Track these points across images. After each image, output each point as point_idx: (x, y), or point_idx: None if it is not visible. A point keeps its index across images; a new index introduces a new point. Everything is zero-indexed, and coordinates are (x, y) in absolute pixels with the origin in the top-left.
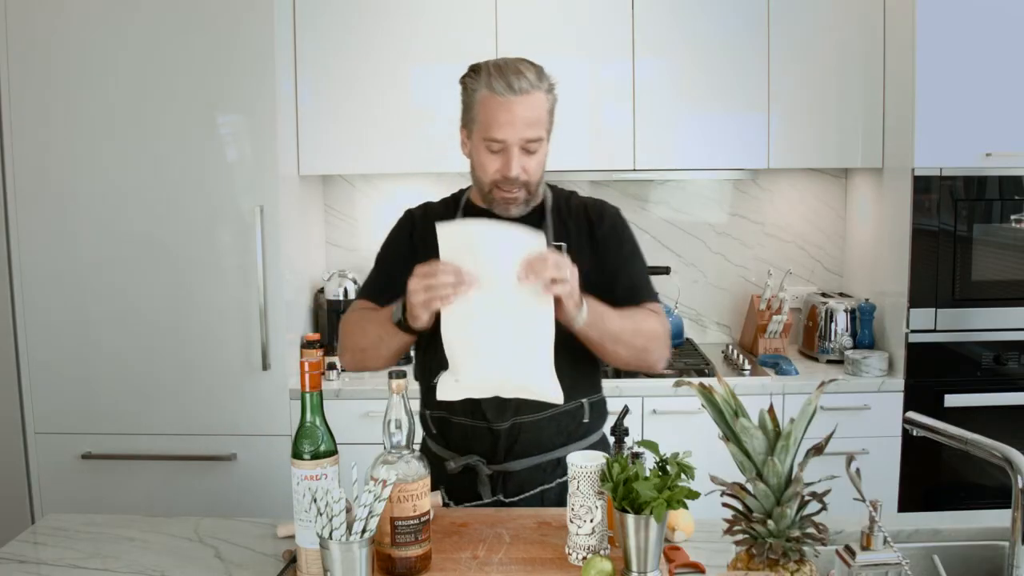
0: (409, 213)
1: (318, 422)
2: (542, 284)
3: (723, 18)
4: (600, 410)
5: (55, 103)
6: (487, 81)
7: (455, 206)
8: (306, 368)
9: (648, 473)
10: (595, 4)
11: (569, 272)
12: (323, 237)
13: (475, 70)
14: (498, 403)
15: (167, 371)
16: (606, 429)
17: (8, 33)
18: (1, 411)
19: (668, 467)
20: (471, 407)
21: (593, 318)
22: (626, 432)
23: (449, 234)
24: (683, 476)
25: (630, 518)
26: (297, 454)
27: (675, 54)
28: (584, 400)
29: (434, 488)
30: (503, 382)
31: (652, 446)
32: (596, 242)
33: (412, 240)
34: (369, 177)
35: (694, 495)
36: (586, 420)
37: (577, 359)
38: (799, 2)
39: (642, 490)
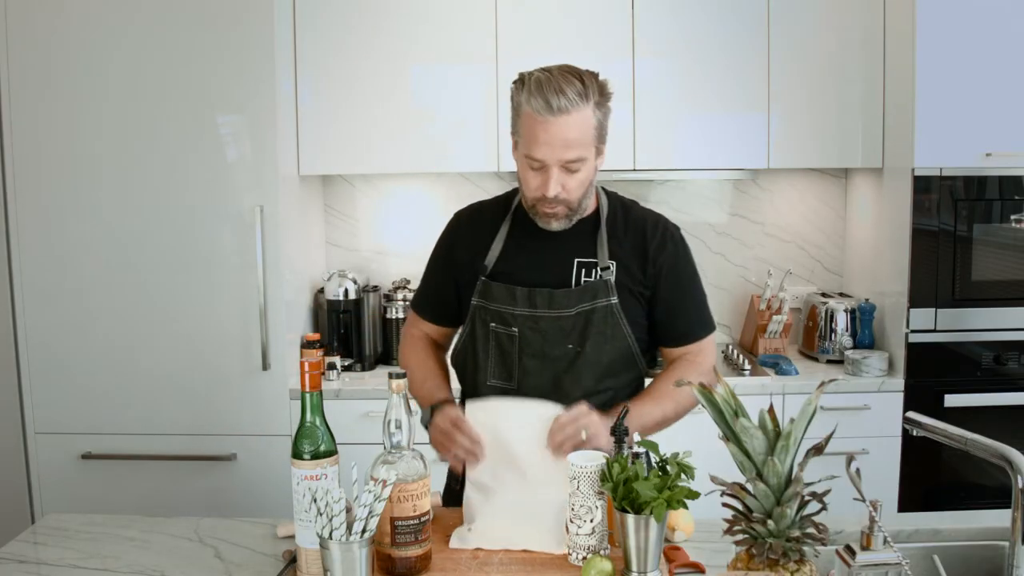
0: (456, 216)
1: (318, 422)
2: (560, 458)
3: (723, 18)
4: None
5: (55, 103)
6: (527, 97)
7: (505, 210)
8: (306, 368)
9: (648, 473)
10: (595, 4)
11: (586, 423)
12: (323, 237)
13: (521, 80)
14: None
15: (167, 371)
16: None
17: (8, 33)
18: (1, 411)
19: (668, 467)
20: None
21: (635, 428)
22: (626, 432)
23: (475, 409)
24: (683, 476)
25: (630, 518)
26: (297, 454)
27: (675, 54)
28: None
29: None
30: (513, 539)
31: (652, 446)
32: (649, 263)
33: (456, 246)
34: (369, 177)
35: (694, 495)
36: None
37: (622, 373)
38: (799, 2)
39: (642, 490)
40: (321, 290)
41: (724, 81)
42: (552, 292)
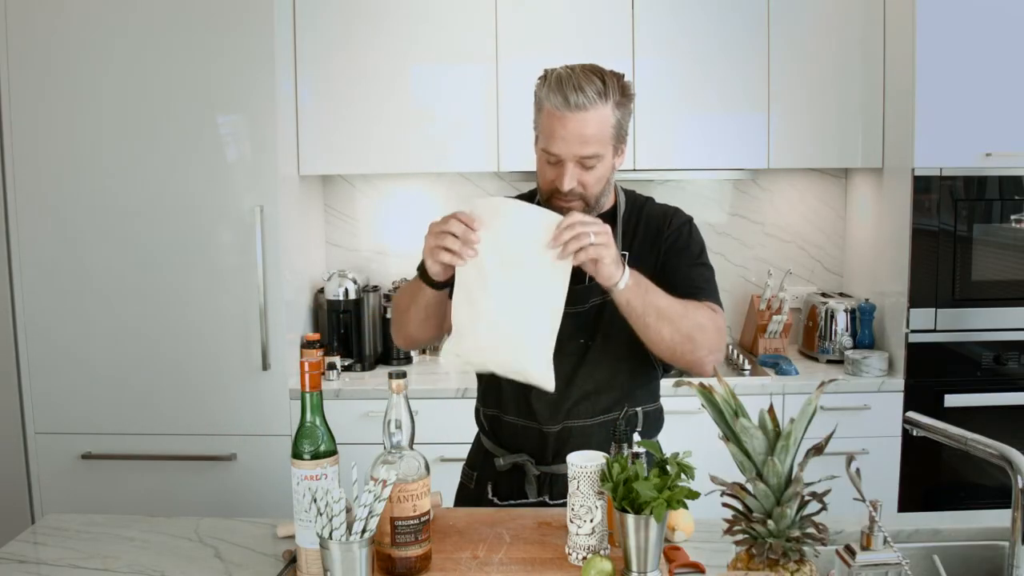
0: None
1: (318, 422)
2: (564, 258)
3: (723, 18)
4: (655, 420)
5: (55, 103)
6: (547, 93)
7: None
8: (306, 368)
9: (648, 473)
10: (595, 4)
11: (597, 230)
12: (323, 237)
13: (544, 76)
14: (552, 405)
15: (167, 371)
16: (660, 437)
17: (8, 33)
18: (1, 411)
19: (668, 467)
20: (524, 408)
21: (637, 284)
22: (627, 433)
23: (481, 206)
24: (683, 476)
25: (630, 518)
26: (297, 454)
27: (675, 54)
28: (639, 409)
29: (483, 484)
30: (498, 361)
31: (652, 446)
32: (660, 249)
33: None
34: (369, 177)
35: (694, 495)
36: (639, 428)
37: (635, 369)
38: (799, 2)
39: (642, 490)
40: (321, 290)
41: (724, 81)
42: (571, 288)
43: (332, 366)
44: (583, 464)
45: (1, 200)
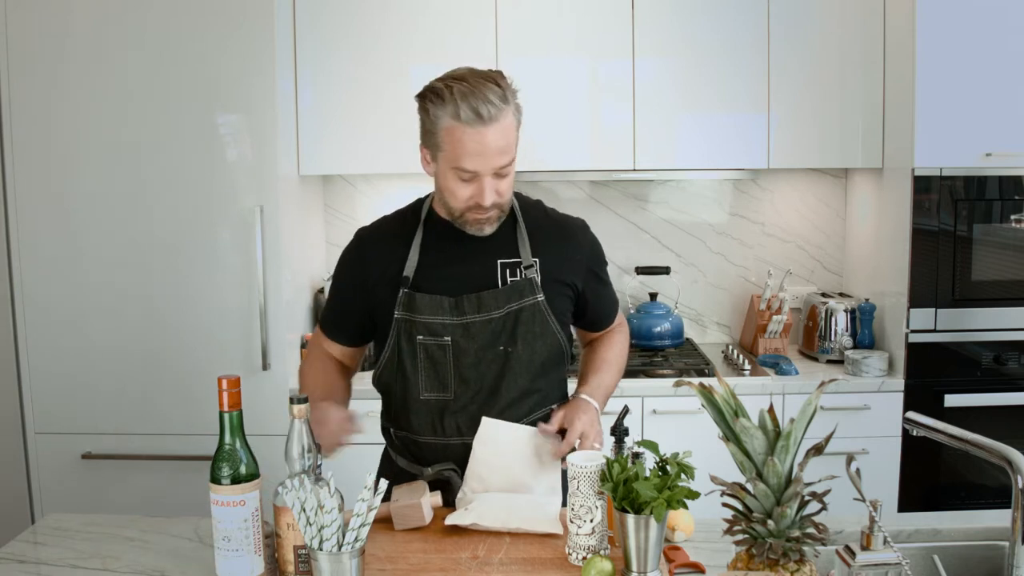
0: (359, 236)
1: (238, 444)
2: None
3: (723, 18)
4: None
5: (55, 103)
6: (453, 110)
7: (415, 220)
8: (224, 386)
9: (648, 473)
10: (595, 4)
11: (588, 431)
12: (323, 237)
13: (436, 93)
14: (475, 418)
15: (167, 371)
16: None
17: (8, 33)
18: (1, 411)
19: (668, 467)
20: (441, 428)
21: (603, 397)
22: (626, 432)
23: (487, 430)
24: (683, 476)
25: (630, 518)
26: (215, 478)
27: (675, 54)
28: (554, 407)
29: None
30: (508, 521)
31: (652, 446)
32: (575, 258)
33: (365, 264)
34: (369, 177)
35: (694, 495)
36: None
37: (550, 368)
38: (799, 2)
39: (642, 490)
40: (321, 290)
41: (724, 81)
42: (480, 296)
43: None
44: (583, 464)
45: (1, 201)
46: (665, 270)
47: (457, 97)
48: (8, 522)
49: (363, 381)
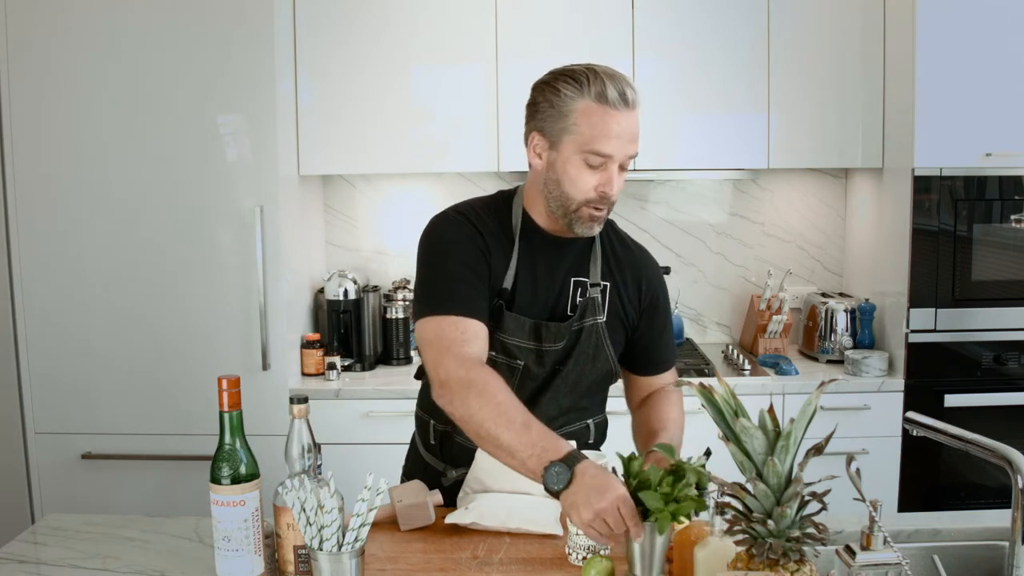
0: (464, 215)
1: (238, 444)
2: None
3: (723, 18)
4: (603, 429)
5: (55, 103)
6: (599, 90)
7: (509, 220)
8: (224, 386)
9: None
10: (595, 4)
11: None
12: (323, 237)
13: (572, 76)
14: None
15: (167, 371)
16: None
17: (8, 33)
18: (1, 411)
19: (685, 472)
20: None
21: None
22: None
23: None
24: (692, 485)
25: None
26: (215, 478)
27: (675, 54)
28: (590, 421)
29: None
30: (509, 521)
31: (668, 450)
32: (644, 292)
33: (486, 245)
34: (369, 177)
35: (701, 506)
36: (591, 440)
37: (594, 385)
38: (799, 2)
39: (647, 501)
40: (321, 290)
41: (724, 81)
42: (558, 326)
43: (332, 366)
44: None
45: (1, 200)
46: (665, 270)
47: (604, 78)
48: (8, 522)
49: (363, 381)
